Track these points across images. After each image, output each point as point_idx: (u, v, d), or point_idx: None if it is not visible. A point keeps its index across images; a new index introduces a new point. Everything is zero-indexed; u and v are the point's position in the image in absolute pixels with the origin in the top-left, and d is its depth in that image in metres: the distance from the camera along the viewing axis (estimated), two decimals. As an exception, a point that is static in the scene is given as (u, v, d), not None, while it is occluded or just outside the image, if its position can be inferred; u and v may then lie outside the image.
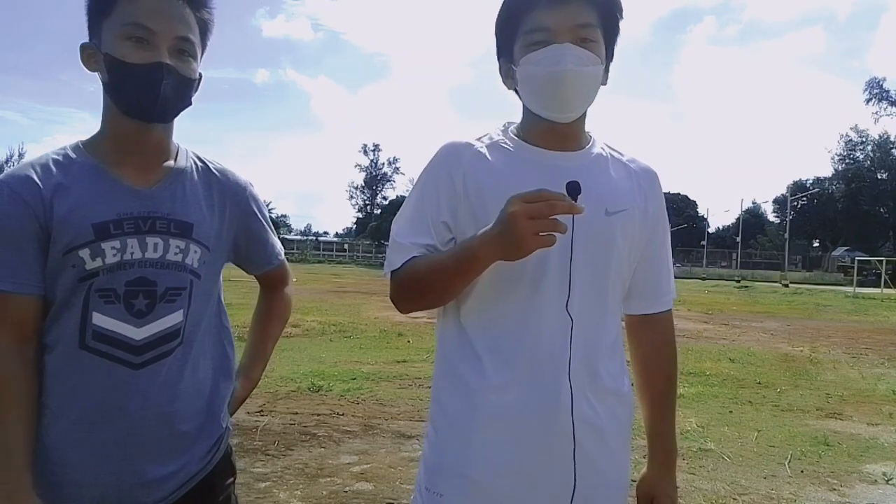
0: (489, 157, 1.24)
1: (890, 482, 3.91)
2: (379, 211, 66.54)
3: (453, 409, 1.23)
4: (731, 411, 5.55)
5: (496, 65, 1.31)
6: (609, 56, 1.26)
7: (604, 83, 1.26)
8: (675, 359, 1.39)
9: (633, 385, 1.35)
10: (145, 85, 1.18)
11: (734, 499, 3.59)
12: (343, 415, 5.03)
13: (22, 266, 1.17)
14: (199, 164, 1.35)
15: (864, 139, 56.16)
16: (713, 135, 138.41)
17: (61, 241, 1.17)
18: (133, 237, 1.21)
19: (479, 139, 1.28)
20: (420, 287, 1.21)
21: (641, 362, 1.38)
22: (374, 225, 56.26)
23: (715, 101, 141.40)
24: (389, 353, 7.92)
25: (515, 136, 1.28)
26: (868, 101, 52.09)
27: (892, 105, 51.47)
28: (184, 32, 1.21)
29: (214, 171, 1.36)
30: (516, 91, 1.27)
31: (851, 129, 57.24)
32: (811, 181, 60.90)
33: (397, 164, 75.19)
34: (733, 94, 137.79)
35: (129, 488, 1.22)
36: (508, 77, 1.27)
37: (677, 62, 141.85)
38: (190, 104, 1.28)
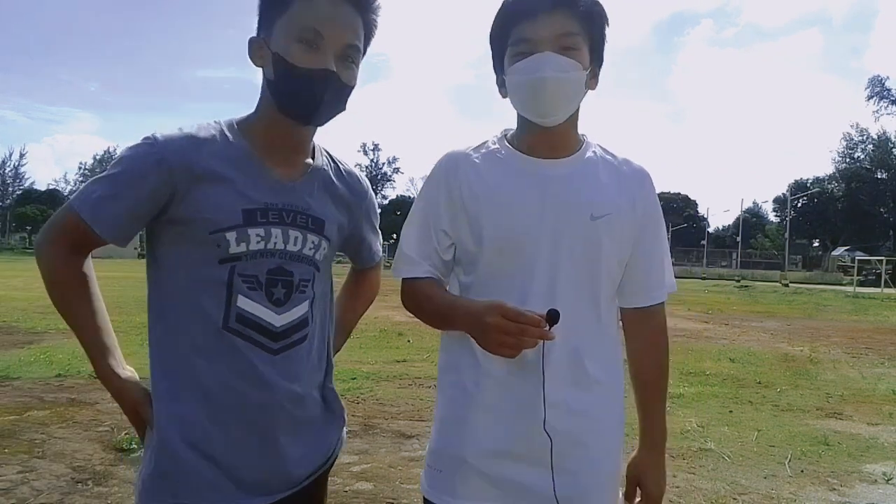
0: (483, 168, 1.32)
1: (890, 482, 3.91)
2: (379, 210, 66.34)
3: (451, 396, 1.34)
4: (731, 411, 5.55)
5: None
6: (597, 61, 1.32)
7: (592, 88, 1.33)
8: (667, 349, 1.45)
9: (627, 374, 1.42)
10: (309, 90, 1.21)
11: (734, 499, 3.58)
12: (343, 414, 5.03)
13: (127, 221, 1.21)
14: (331, 163, 1.40)
15: (864, 138, 56.08)
16: (713, 135, 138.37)
17: (209, 221, 1.20)
18: (277, 227, 1.25)
19: (476, 148, 1.37)
20: (418, 313, 1.37)
21: (634, 353, 1.44)
22: (375, 225, 56.08)
23: (714, 102, 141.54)
24: (389, 352, 7.93)
25: (510, 144, 1.36)
26: (870, 98, 51.99)
27: (892, 104, 51.38)
28: (352, 40, 1.24)
29: (344, 172, 1.42)
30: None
31: (852, 126, 57.20)
32: (811, 181, 60.81)
33: (397, 164, 75.18)
34: (732, 95, 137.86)
35: (268, 469, 1.26)
36: (502, 87, 1.34)
37: (676, 64, 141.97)
38: (344, 109, 1.30)
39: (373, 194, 1.53)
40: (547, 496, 1.23)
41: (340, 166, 1.42)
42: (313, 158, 1.36)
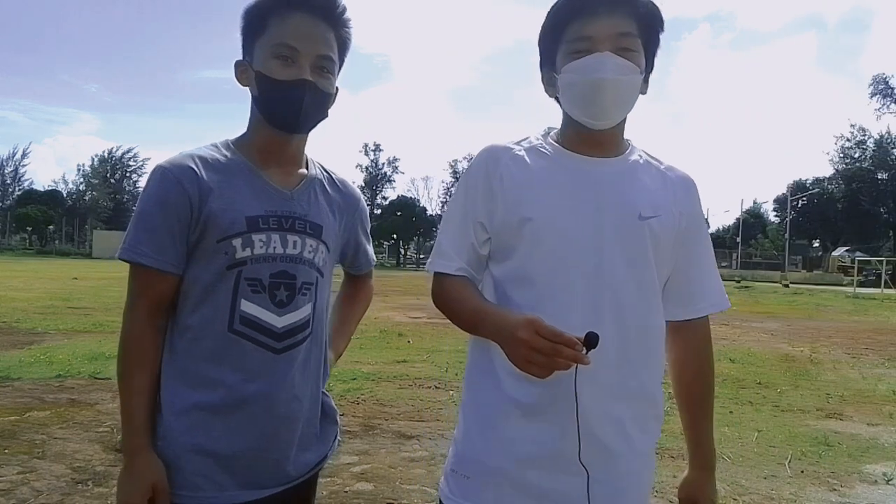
0: (527, 161, 1.29)
1: (890, 482, 3.91)
2: (379, 211, 66.39)
3: (482, 397, 1.28)
4: (731, 411, 5.55)
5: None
6: (649, 66, 1.28)
7: (643, 92, 1.28)
8: (712, 363, 1.39)
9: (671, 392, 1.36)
10: (290, 99, 1.30)
11: (734, 499, 3.58)
12: (343, 415, 5.00)
13: (171, 247, 1.27)
14: (324, 173, 1.49)
15: (864, 138, 56.03)
16: (713, 136, 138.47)
17: (216, 229, 1.27)
18: (276, 233, 1.32)
19: (518, 143, 1.33)
20: (446, 312, 1.32)
21: (677, 367, 1.38)
22: (375, 225, 56.13)
23: (713, 103, 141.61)
24: (389, 353, 7.92)
25: (555, 141, 1.32)
26: (872, 96, 51.83)
27: (895, 103, 51.26)
28: (325, 51, 1.33)
29: (336, 181, 1.51)
30: (557, 99, 1.31)
31: (852, 126, 57.11)
32: (811, 181, 60.76)
33: (397, 165, 74.98)
34: (731, 97, 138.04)
35: (269, 465, 1.32)
36: (550, 85, 1.31)
37: (675, 66, 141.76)
38: (326, 116, 1.39)
39: (364, 202, 1.60)
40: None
41: (333, 176, 1.51)
42: (307, 169, 1.44)
